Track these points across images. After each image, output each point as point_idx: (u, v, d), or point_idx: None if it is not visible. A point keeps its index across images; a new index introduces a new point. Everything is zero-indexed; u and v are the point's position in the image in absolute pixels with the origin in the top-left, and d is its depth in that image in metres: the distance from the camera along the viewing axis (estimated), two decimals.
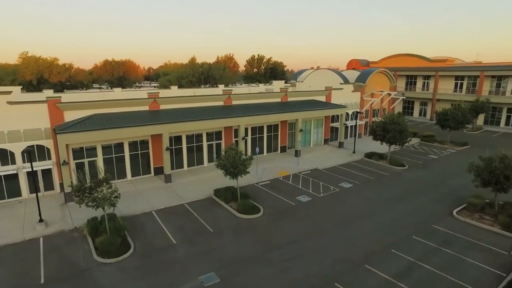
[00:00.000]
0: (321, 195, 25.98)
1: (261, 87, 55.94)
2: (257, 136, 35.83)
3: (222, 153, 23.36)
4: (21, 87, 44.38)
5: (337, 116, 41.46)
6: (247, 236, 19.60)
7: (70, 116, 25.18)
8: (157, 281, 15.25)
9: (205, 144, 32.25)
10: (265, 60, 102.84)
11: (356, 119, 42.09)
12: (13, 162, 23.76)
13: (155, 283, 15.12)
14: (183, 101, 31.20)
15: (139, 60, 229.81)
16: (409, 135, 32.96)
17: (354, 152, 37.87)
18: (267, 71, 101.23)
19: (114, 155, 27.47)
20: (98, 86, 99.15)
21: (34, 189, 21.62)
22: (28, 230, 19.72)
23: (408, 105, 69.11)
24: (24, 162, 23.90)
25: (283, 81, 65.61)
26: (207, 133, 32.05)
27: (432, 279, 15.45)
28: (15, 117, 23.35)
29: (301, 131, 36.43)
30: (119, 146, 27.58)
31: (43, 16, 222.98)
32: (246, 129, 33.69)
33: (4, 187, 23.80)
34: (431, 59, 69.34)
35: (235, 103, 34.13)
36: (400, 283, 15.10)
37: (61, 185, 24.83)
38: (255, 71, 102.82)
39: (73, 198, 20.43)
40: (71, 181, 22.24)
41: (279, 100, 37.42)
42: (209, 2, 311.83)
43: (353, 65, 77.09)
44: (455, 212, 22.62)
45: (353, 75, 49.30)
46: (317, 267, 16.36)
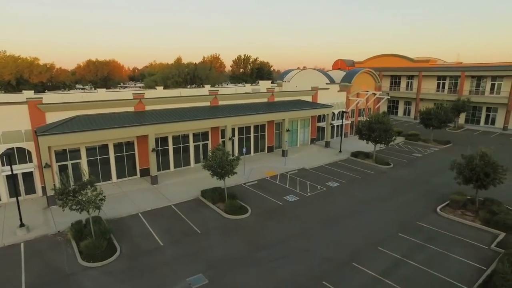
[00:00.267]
0: (308, 194, 26.16)
1: (248, 87, 55.89)
2: (244, 136, 35.80)
3: (209, 154, 23.23)
4: None
5: (324, 115, 41.85)
6: (235, 236, 19.55)
7: (52, 117, 24.53)
8: (144, 284, 15.03)
9: (191, 145, 32.01)
10: (251, 60, 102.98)
11: (342, 119, 42.60)
12: None
13: (142, 286, 14.89)
14: (169, 101, 30.86)
15: (124, 60, 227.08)
16: (394, 134, 33.56)
17: (340, 151, 38.31)
18: (254, 71, 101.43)
19: (98, 157, 26.94)
20: (81, 86, 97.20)
21: (14, 193, 20.97)
22: (8, 235, 19.09)
23: (392, 105, 70.32)
24: (3, 165, 23.15)
25: (270, 81, 65.69)
26: (193, 134, 31.81)
27: (417, 275, 15.77)
28: None
29: (288, 131, 36.60)
30: (104, 147, 27.07)
31: (20, 13, 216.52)
32: (233, 130, 33.61)
33: None
34: (414, 60, 70.81)
35: (221, 103, 34.00)
36: (387, 280, 15.36)
37: (44, 188, 24.15)
38: (241, 71, 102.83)
39: (56, 201, 19.87)
40: (54, 184, 21.63)
41: (265, 100, 37.49)
42: (193, 1, 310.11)
43: (338, 65, 78.07)
44: (438, 209, 23.17)
45: (339, 75, 49.90)
46: (305, 267, 16.44)
